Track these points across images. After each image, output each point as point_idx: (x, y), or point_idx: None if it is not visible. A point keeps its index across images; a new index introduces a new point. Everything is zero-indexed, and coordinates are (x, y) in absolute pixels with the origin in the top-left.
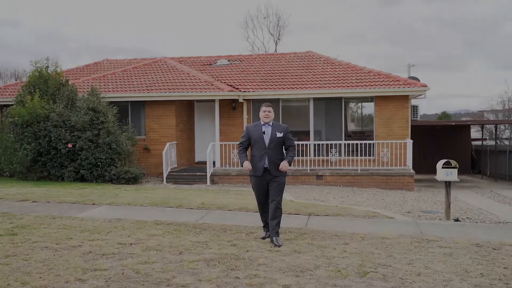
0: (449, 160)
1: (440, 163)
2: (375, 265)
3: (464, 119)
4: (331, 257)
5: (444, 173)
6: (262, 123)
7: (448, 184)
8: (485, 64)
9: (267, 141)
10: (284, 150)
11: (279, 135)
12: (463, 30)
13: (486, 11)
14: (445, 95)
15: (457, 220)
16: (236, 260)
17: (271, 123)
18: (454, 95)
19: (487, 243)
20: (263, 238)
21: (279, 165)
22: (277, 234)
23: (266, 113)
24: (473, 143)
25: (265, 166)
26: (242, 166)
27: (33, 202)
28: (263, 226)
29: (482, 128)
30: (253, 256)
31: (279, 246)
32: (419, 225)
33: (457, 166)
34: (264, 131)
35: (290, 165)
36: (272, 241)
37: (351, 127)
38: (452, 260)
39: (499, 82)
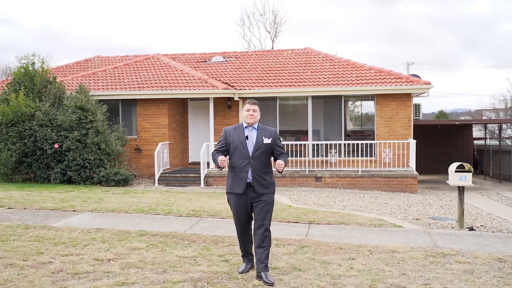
0: (463, 163)
1: (453, 167)
2: (387, 286)
3: (462, 118)
4: (336, 276)
5: (457, 177)
6: (244, 125)
7: (461, 190)
8: (480, 63)
9: (251, 148)
10: (271, 160)
11: (267, 141)
12: (458, 30)
13: (482, 10)
14: (441, 94)
15: (471, 229)
16: (228, 280)
17: (256, 126)
18: (449, 94)
19: (510, 258)
20: (242, 272)
21: (265, 179)
22: (266, 268)
23: (250, 113)
24: (475, 142)
25: (248, 180)
26: (218, 167)
27: (8, 208)
28: (242, 256)
29: (485, 127)
30: (247, 275)
31: (272, 284)
32: (431, 235)
33: (472, 170)
34: (247, 136)
35: (285, 166)
36: (260, 277)
37: (351, 126)
38: (474, 279)
39: (494, 81)
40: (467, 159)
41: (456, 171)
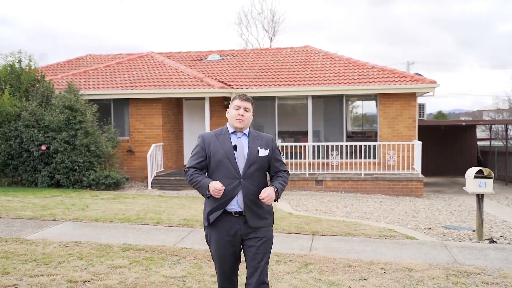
0: (482, 168)
1: (472, 172)
2: None
3: (462, 118)
4: None
5: (476, 184)
6: (230, 130)
7: (480, 198)
8: (478, 63)
9: (241, 164)
10: (268, 179)
11: (263, 153)
12: (455, 30)
13: (479, 10)
14: (438, 95)
15: (492, 241)
16: None
17: (246, 131)
18: (447, 94)
19: None
20: None
21: (261, 207)
22: None
23: (239, 112)
24: (478, 143)
25: (238, 209)
26: (207, 195)
27: None
28: None
29: (490, 128)
30: None
31: None
32: (449, 248)
33: (492, 175)
34: (235, 145)
35: (277, 199)
36: None
37: (353, 127)
38: None
39: (494, 81)
40: (471, 160)
41: (475, 177)
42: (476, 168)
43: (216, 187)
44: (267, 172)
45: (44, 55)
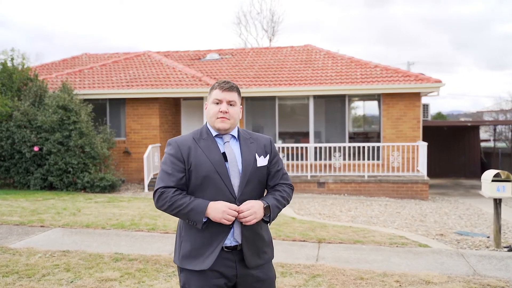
0: (499, 171)
1: (489, 175)
2: None
3: (462, 119)
4: None
5: (494, 188)
6: (213, 133)
7: (498, 203)
8: (475, 65)
9: (235, 180)
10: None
11: (262, 161)
12: (452, 31)
13: (477, 12)
14: (437, 96)
15: (510, 249)
16: None
17: (235, 133)
18: (445, 95)
19: None
20: None
21: (263, 237)
22: None
23: (222, 108)
24: (482, 144)
25: (233, 244)
26: (203, 222)
27: None
28: None
29: (494, 129)
30: None
31: None
32: (466, 257)
33: (511, 178)
34: (224, 153)
35: (270, 220)
36: None
37: (355, 127)
38: None
39: (494, 82)
40: (474, 162)
41: (493, 180)
42: (494, 171)
43: (230, 207)
44: (266, 185)
45: (41, 55)
